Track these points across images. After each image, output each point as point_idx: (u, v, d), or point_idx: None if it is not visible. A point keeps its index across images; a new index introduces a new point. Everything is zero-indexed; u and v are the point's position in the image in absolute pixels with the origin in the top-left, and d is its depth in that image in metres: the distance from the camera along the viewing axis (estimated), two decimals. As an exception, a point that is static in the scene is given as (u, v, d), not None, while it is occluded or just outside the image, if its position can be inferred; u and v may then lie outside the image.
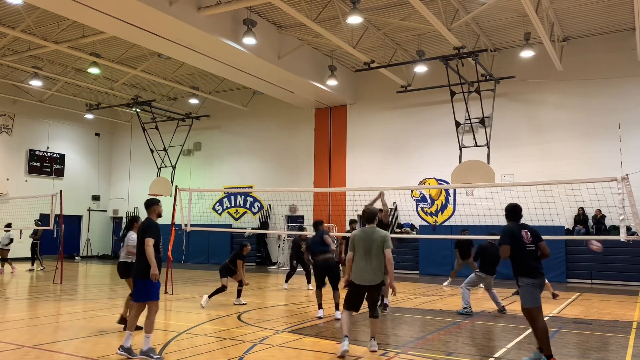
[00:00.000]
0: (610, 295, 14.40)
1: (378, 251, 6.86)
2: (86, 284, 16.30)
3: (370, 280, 6.83)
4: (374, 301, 7.06)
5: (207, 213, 26.17)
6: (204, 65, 18.88)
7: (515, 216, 6.85)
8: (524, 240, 6.51)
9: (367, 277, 6.83)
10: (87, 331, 8.09)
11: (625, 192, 9.23)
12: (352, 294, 6.97)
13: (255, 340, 7.50)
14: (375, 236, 6.93)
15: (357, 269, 6.90)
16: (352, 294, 6.97)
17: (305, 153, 23.93)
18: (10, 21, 17.41)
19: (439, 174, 20.37)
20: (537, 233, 6.71)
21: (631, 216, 9.41)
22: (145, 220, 6.80)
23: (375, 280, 6.84)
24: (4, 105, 25.48)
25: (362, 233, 7.03)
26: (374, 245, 6.87)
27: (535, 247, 6.55)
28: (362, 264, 6.87)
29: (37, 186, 25.55)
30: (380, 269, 6.87)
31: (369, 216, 7.16)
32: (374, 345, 6.99)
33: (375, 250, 6.85)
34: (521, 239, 6.50)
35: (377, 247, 6.86)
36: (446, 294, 13.85)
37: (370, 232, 6.99)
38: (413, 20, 16.53)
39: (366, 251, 6.87)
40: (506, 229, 6.67)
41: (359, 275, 6.88)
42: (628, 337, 8.28)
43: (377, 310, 7.09)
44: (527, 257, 6.45)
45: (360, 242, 6.94)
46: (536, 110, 19.41)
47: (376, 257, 6.85)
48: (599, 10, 16.68)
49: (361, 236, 7.00)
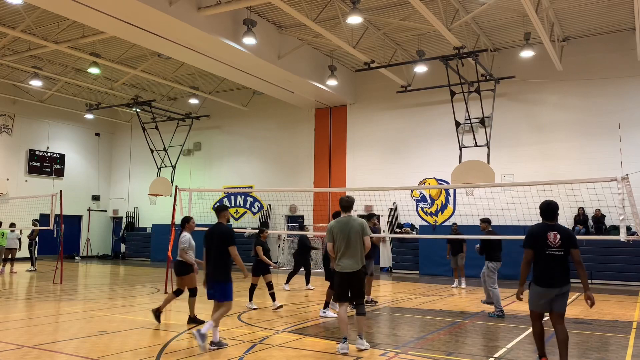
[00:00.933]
0: (610, 295, 14.39)
1: (356, 239, 7.00)
2: (86, 284, 16.29)
3: (350, 267, 6.97)
4: (359, 292, 7.07)
5: (207, 213, 26.15)
6: (204, 65, 18.88)
7: (547, 215, 6.08)
8: (549, 243, 5.81)
9: (347, 265, 6.98)
10: (87, 331, 8.09)
11: (625, 192, 9.23)
12: (337, 283, 7.17)
13: (255, 340, 7.50)
14: (353, 224, 7.07)
15: (338, 258, 7.08)
16: (337, 283, 7.17)
17: (305, 153, 23.93)
18: (10, 21, 17.41)
19: (439, 174, 20.37)
20: (570, 236, 5.93)
21: (631, 216, 9.40)
22: (225, 228, 7.49)
23: (354, 267, 6.97)
24: (4, 105, 25.48)
25: (339, 223, 7.16)
26: (352, 233, 7.01)
27: (564, 252, 5.81)
28: (341, 251, 7.04)
29: (37, 186, 25.56)
30: (359, 257, 7.00)
31: (345, 205, 7.30)
32: (362, 343, 6.98)
33: (354, 238, 7.00)
34: (544, 241, 5.82)
35: (354, 235, 7.01)
36: (446, 294, 13.85)
37: (346, 220, 7.14)
38: (413, 20, 16.53)
39: (345, 240, 7.01)
40: (529, 230, 6.04)
41: (340, 264, 7.05)
42: (628, 337, 8.28)
43: (364, 308, 7.13)
44: (547, 262, 5.79)
45: (339, 232, 7.07)
46: (536, 110, 19.42)
47: (354, 245, 7.00)
48: (599, 10, 16.68)
49: (338, 226, 7.12)
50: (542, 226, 6.01)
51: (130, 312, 10.16)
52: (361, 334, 7.05)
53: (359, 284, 7.07)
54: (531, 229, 6.03)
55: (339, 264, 7.04)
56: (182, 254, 8.72)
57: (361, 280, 7.09)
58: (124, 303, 11.49)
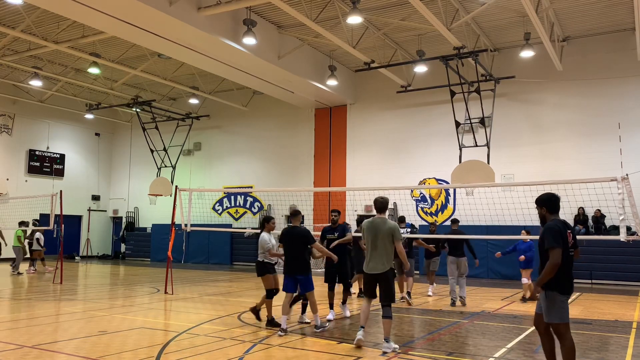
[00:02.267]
0: (610, 295, 14.39)
1: (384, 242, 6.98)
2: (86, 284, 16.30)
3: (375, 268, 7.02)
4: (386, 294, 7.02)
5: (207, 213, 26.18)
6: (204, 65, 18.88)
7: (556, 208, 5.40)
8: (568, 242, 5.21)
9: (373, 266, 7.05)
10: (87, 331, 8.09)
11: (625, 192, 9.23)
12: (365, 282, 7.33)
13: (255, 340, 7.50)
14: (383, 227, 7.03)
15: (366, 258, 7.18)
16: (365, 282, 7.33)
17: (305, 153, 23.93)
18: (10, 21, 17.41)
19: (439, 174, 20.37)
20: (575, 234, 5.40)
21: (631, 216, 9.40)
22: (303, 229, 8.42)
23: (379, 269, 6.99)
24: (4, 105, 25.48)
25: (370, 223, 7.19)
26: (379, 235, 6.99)
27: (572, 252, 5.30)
28: (369, 252, 7.12)
29: (37, 186, 25.56)
30: (386, 259, 6.99)
31: (379, 206, 7.23)
32: (389, 346, 6.88)
33: (381, 241, 6.98)
34: (566, 241, 5.18)
35: (382, 238, 6.98)
36: (446, 294, 13.84)
37: (379, 222, 7.11)
38: (413, 20, 16.53)
39: (373, 241, 7.03)
40: (554, 228, 5.18)
41: (367, 264, 7.14)
42: (628, 337, 8.28)
43: (390, 310, 7.02)
44: (568, 265, 5.20)
45: (368, 232, 7.12)
46: (536, 110, 19.42)
47: (382, 248, 6.98)
48: (599, 10, 16.68)
49: (369, 226, 7.17)
50: (561, 223, 5.25)
51: (130, 312, 10.16)
52: (387, 338, 6.97)
53: (387, 285, 7.04)
54: (556, 225, 5.20)
55: (367, 265, 7.13)
56: (268, 254, 8.85)
57: (388, 281, 7.04)
58: (124, 303, 11.49)
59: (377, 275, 7.03)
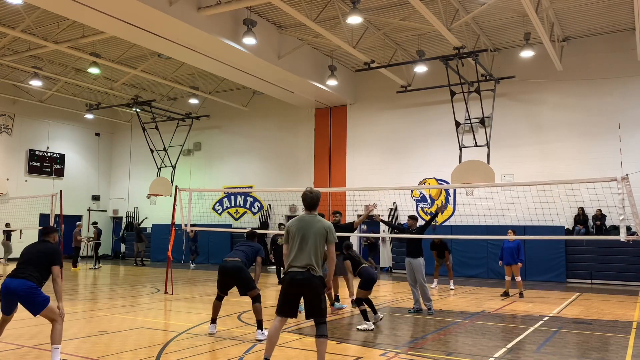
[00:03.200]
0: (610, 295, 14.39)
1: (316, 243, 5.61)
2: (86, 284, 16.29)
3: (304, 276, 5.54)
4: (316, 309, 5.55)
5: (207, 213, 26.18)
6: (204, 65, 18.88)
7: None
8: None
9: (298, 273, 5.57)
10: (87, 331, 8.09)
11: (625, 192, 9.23)
12: (284, 295, 5.64)
13: (255, 340, 7.50)
14: (317, 226, 5.70)
15: (288, 264, 5.68)
16: (284, 295, 5.64)
17: (305, 153, 23.93)
18: (10, 21, 17.41)
19: (439, 174, 20.37)
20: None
21: (631, 216, 9.40)
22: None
23: (310, 278, 5.53)
24: (4, 105, 25.48)
25: (299, 222, 5.79)
26: (312, 236, 5.63)
27: None
28: (294, 257, 5.65)
29: (37, 186, 25.55)
30: (317, 264, 5.60)
31: (309, 202, 5.89)
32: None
33: (313, 242, 5.61)
34: None
35: (315, 238, 5.63)
36: (446, 294, 13.85)
37: (309, 221, 5.76)
38: (413, 20, 16.52)
39: (302, 243, 5.63)
40: None
41: (287, 270, 5.68)
42: (628, 337, 8.28)
43: (325, 328, 5.54)
44: None
45: (297, 232, 5.70)
46: (536, 110, 19.42)
47: (314, 251, 5.59)
48: (599, 10, 16.68)
49: (297, 225, 5.76)
50: None
51: (130, 312, 10.16)
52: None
53: (316, 300, 5.57)
54: None
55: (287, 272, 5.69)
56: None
57: (318, 291, 5.58)
58: (124, 303, 11.49)
59: (306, 285, 5.53)
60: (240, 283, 7.80)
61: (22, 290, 5.84)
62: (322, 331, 5.49)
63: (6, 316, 6.09)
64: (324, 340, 5.48)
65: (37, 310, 5.88)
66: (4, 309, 5.99)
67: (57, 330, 5.90)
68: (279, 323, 5.61)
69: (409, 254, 10.65)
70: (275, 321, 5.62)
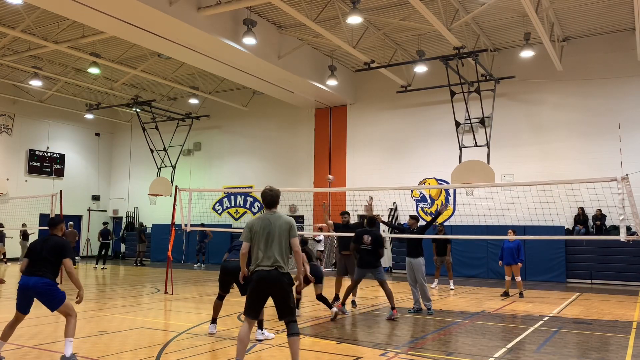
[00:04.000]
0: (610, 295, 14.40)
1: (281, 240, 5.64)
2: (86, 284, 16.29)
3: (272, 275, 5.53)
4: (287, 308, 5.55)
5: (207, 213, 26.17)
6: (204, 65, 18.88)
7: None
8: None
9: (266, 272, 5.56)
10: (87, 331, 8.09)
11: (625, 192, 9.23)
12: (252, 296, 5.64)
13: (255, 340, 7.50)
14: (280, 223, 5.71)
15: (255, 263, 5.64)
16: (252, 296, 5.64)
17: (305, 153, 23.93)
18: (10, 21, 17.41)
19: (439, 174, 20.37)
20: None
21: (631, 216, 9.40)
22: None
23: (278, 276, 5.53)
24: (4, 105, 25.47)
25: (262, 221, 5.75)
26: (277, 233, 5.65)
27: None
28: (261, 256, 5.61)
29: (37, 186, 25.55)
30: (284, 262, 5.62)
31: (269, 200, 5.86)
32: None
33: (278, 239, 5.63)
34: None
35: (280, 235, 5.64)
36: (446, 294, 13.85)
37: (273, 218, 5.75)
38: (413, 20, 16.52)
39: (268, 241, 5.62)
40: None
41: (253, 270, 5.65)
42: (628, 337, 8.28)
43: (296, 326, 5.57)
44: None
45: (262, 231, 5.66)
46: (536, 110, 19.41)
47: (278, 248, 5.61)
48: (599, 10, 16.68)
49: (261, 224, 5.71)
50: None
51: (130, 312, 10.16)
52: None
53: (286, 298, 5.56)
54: None
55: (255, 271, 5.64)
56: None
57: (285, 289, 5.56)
58: (124, 303, 11.49)
59: (271, 283, 5.52)
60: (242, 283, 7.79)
61: (40, 287, 6.10)
62: (294, 329, 5.51)
63: (21, 315, 6.24)
64: (297, 338, 5.51)
65: (55, 306, 6.16)
66: (21, 306, 6.19)
67: (72, 324, 6.19)
68: (249, 324, 5.60)
69: (410, 253, 10.72)
70: (245, 323, 5.61)
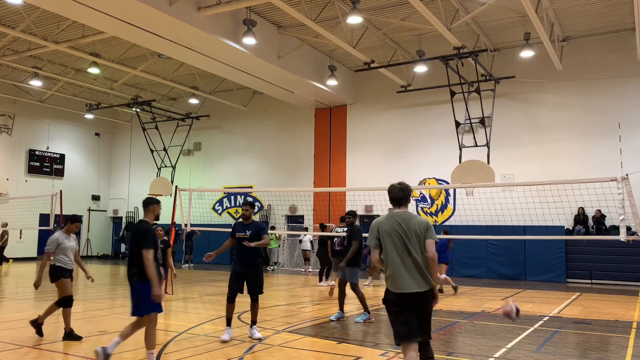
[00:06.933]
0: (610, 295, 14.40)
1: (417, 244, 4.71)
2: (86, 284, 16.28)
3: (416, 286, 4.63)
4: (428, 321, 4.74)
5: (207, 213, 26.17)
6: (204, 65, 18.88)
7: None
8: None
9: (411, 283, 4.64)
10: (87, 331, 8.09)
11: (625, 192, 9.24)
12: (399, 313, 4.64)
13: (255, 340, 7.50)
14: (413, 223, 4.77)
15: (391, 274, 4.71)
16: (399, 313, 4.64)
17: (305, 153, 23.93)
18: (10, 21, 17.40)
19: (439, 174, 20.37)
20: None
21: (631, 216, 9.41)
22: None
23: (424, 286, 4.64)
24: (4, 105, 25.47)
25: (390, 220, 4.83)
26: (411, 236, 4.72)
27: None
28: (397, 265, 4.70)
29: (37, 186, 25.54)
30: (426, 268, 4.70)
31: (399, 196, 4.97)
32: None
33: (415, 243, 4.71)
34: None
35: (416, 238, 4.72)
36: (446, 294, 13.85)
37: (403, 218, 4.82)
38: (413, 20, 16.52)
39: (400, 246, 4.72)
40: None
41: (398, 282, 4.68)
42: (628, 337, 8.28)
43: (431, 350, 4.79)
44: None
45: (391, 234, 4.75)
46: (536, 110, 19.41)
47: (416, 253, 4.69)
48: (599, 10, 16.68)
49: (390, 224, 4.80)
50: None
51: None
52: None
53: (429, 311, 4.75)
54: None
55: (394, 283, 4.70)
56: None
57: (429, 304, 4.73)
58: (124, 303, 11.48)
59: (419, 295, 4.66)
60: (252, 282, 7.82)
61: None
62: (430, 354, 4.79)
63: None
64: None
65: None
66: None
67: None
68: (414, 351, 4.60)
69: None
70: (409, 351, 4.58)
